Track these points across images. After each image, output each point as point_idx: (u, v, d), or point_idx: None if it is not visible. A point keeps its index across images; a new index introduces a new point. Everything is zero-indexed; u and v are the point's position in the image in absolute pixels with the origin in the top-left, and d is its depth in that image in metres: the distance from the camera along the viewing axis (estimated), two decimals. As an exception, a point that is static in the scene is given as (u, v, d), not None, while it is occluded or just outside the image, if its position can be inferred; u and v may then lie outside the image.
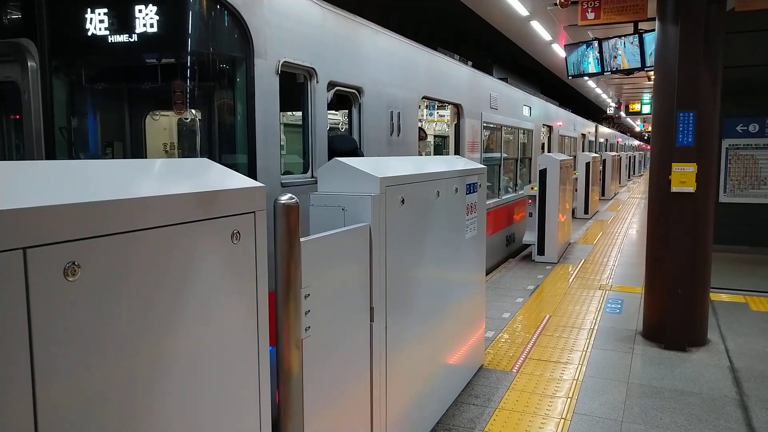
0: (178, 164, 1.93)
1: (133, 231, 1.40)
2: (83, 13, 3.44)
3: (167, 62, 3.62)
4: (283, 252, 2.10)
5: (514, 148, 10.88)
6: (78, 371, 1.28)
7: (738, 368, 4.68)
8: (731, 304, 6.56)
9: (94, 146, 4.13)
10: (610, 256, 9.60)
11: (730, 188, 8.44)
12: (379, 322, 2.89)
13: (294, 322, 2.15)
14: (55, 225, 1.21)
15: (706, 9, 4.88)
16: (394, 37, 5.59)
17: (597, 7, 7.58)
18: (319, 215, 2.82)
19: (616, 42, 9.08)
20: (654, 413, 3.91)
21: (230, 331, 1.78)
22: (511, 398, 4.13)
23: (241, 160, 3.70)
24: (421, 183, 3.36)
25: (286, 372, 2.14)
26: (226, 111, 3.79)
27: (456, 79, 7.39)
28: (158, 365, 1.50)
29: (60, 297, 1.23)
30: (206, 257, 1.65)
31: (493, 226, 8.89)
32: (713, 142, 5.22)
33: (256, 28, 3.66)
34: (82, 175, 1.48)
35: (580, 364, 4.76)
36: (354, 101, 4.93)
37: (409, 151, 5.93)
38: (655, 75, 5.48)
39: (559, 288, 7.41)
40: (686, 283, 5.02)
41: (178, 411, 1.58)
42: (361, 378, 2.79)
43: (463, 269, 4.23)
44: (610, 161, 21.25)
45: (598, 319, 6.01)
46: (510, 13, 10.02)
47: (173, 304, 1.54)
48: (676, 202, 4.99)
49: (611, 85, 22.08)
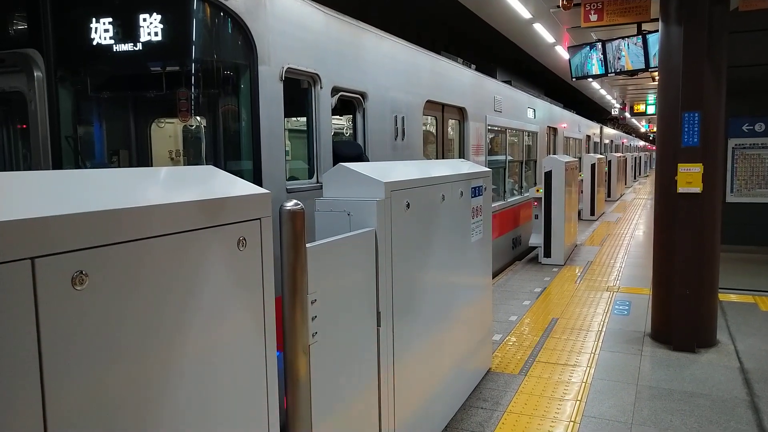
0: (183, 172, 1.93)
1: (140, 239, 1.41)
2: (88, 22, 3.47)
3: (172, 70, 3.63)
4: (289, 258, 2.10)
5: (519, 150, 10.87)
6: (87, 380, 1.29)
7: (748, 369, 4.64)
8: (740, 304, 6.51)
9: (101, 155, 4.16)
10: (617, 258, 9.56)
11: (737, 188, 8.40)
12: (386, 326, 2.89)
13: (301, 328, 2.15)
14: (63, 234, 1.22)
15: (710, 9, 4.87)
16: (397, 42, 5.60)
17: (600, 9, 7.57)
18: (325, 220, 2.83)
19: (619, 43, 9.07)
20: (664, 415, 3.88)
21: (238, 337, 1.79)
22: (520, 401, 4.12)
23: (246, 167, 3.71)
24: (427, 187, 3.36)
25: (293, 378, 2.14)
26: (230, 118, 3.80)
27: (459, 83, 7.40)
28: (167, 373, 1.51)
29: (68, 306, 1.23)
30: (213, 264, 1.66)
31: (498, 229, 8.88)
32: (719, 142, 5.20)
33: (259, 35, 3.68)
34: (89, 185, 1.49)
35: (588, 367, 4.74)
36: (358, 106, 4.94)
37: (414, 155, 5.94)
38: (659, 76, 5.47)
39: (566, 290, 7.39)
40: (694, 284, 4.99)
41: (187, 418, 1.58)
42: (368, 383, 2.79)
43: (470, 272, 4.22)
44: (615, 162, 21.20)
45: (606, 321, 5.99)
46: (513, 16, 10.03)
47: (181, 312, 1.55)
48: (682, 202, 4.97)
49: (615, 86, 22.06)
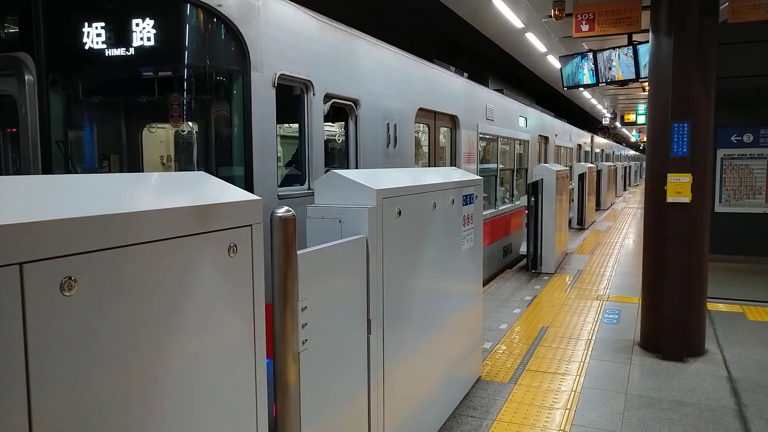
0: (174, 177, 1.93)
1: (129, 245, 1.40)
2: (80, 26, 3.46)
3: (164, 75, 3.62)
4: (280, 265, 2.10)
5: (511, 158, 10.91)
6: (74, 386, 1.28)
7: (736, 378, 4.67)
8: (728, 313, 6.56)
9: (91, 159, 4.13)
10: (607, 267, 9.61)
11: (725, 198, 8.47)
12: (377, 334, 2.89)
13: (291, 335, 2.14)
14: (52, 240, 1.21)
15: (699, 21, 4.93)
16: (390, 50, 5.63)
17: (591, 19, 7.64)
18: (316, 227, 2.82)
19: (610, 53, 9.14)
20: (652, 424, 3.89)
21: (227, 344, 1.78)
22: (510, 410, 4.12)
23: (237, 173, 3.70)
24: (418, 195, 3.37)
25: (283, 385, 2.13)
26: (222, 123, 3.79)
27: (452, 91, 7.43)
28: (155, 379, 1.50)
29: (56, 312, 1.23)
30: (203, 271, 1.65)
31: (489, 237, 8.89)
32: (708, 152, 5.25)
33: (252, 41, 3.68)
34: (79, 190, 1.48)
35: (578, 375, 4.75)
36: (350, 113, 4.95)
37: (406, 162, 5.95)
38: (649, 86, 5.52)
39: (556, 299, 7.41)
40: (683, 293, 5.02)
41: (174, 424, 1.57)
42: (358, 390, 2.78)
43: (460, 280, 4.22)
44: (606, 172, 21.32)
45: (596, 330, 6.01)
46: (505, 25, 10.10)
47: (170, 318, 1.54)
48: (671, 212, 5.01)
49: (606, 95, 22.23)
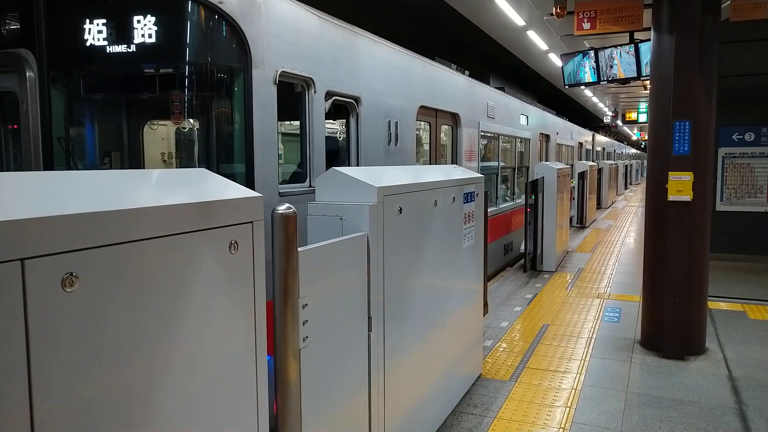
0: (175, 174, 1.93)
1: (131, 241, 1.40)
2: (82, 23, 3.46)
3: (165, 72, 3.62)
4: (280, 262, 2.10)
5: (512, 156, 10.91)
6: (75, 382, 1.28)
7: (736, 377, 4.67)
8: (729, 312, 6.56)
9: (92, 156, 4.13)
10: (607, 265, 9.61)
11: (726, 197, 8.46)
12: (377, 331, 2.89)
13: (292, 332, 2.15)
14: (53, 236, 1.21)
15: (701, 19, 4.92)
16: (391, 47, 5.62)
17: (593, 17, 7.62)
18: (317, 224, 2.82)
19: (612, 51, 9.13)
20: (653, 422, 3.90)
21: (228, 341, 1.78)
22: (510, 407, 4.12)
23: (238, 170, 3.70)
24: (419, 192, 3.37)
25: (283, 382, 2.14)
26: (223, 120, 3.79)
27: (453, 89, 7.42)
28: (156, 375, 1.50)
29: (58, 308, 1.23)
30: (204, 267, 1.65)
31: (490, 235, 8.88)
32: (709, 150, 5.25)
33: (253, 38, 3.68)
34: (80, 186, 1.48)
35: (578, 374, 4.75)
36: (352, 111, 4.94)
37: (407, 160, 5.94)
38: (651, 84, 5.51)
39: (557, 297, 7.41)
40: (684, 292, 5.02)
41: (175, 420, 1.58)
42: (359, 388, 2.78)
43: (461, 278, 4.22)
44: (607, 170, 21.30)
45: (597, 328, 6.01)
46: (507, 23, 10.09)
47: (171, 315, 1.54)
48: (673, 210, 5.00)
49: (608, 94, 22.22)
